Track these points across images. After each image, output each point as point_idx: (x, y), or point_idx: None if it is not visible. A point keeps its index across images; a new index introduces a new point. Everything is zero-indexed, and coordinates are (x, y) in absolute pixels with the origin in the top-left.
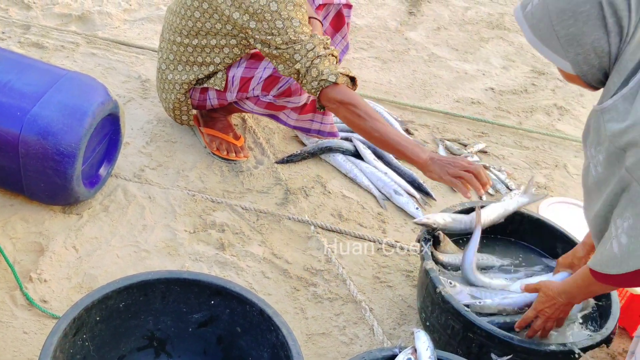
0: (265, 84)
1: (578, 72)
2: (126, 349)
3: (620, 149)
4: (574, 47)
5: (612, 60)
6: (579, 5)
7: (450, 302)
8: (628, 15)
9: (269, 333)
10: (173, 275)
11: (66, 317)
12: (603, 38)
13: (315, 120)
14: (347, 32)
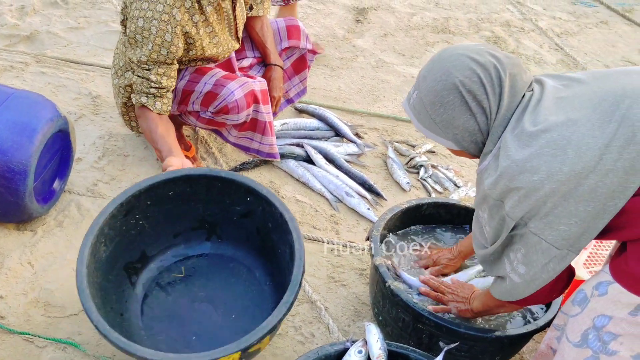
0: (204, 100)
1: (461, 148)
2: (181, 228)
3: (498, 199)
4: (450, 129)
5: (485, 134)
6: (445, 97)
7: (400, 295)
8: (486, 97)
9: (288, 234)
10: (213, 172)
11: (113, 202)
12: (471, 119)
13: (255, 140)
14: (307, 77)
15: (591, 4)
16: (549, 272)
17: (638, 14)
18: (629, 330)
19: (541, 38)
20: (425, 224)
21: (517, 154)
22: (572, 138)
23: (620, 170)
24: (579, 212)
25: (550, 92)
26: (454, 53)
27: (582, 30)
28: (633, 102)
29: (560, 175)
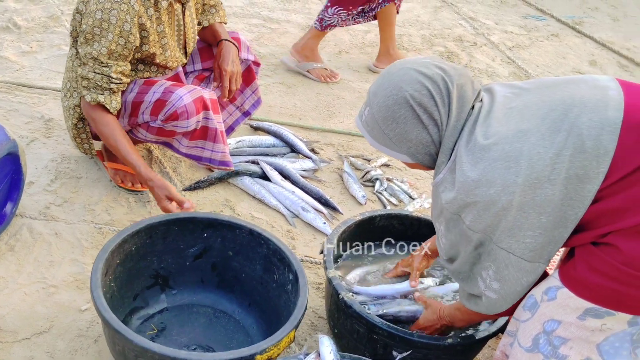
0: (154, 108)
1: (416, 161)
2: (138, 288)
3: (455, 213)
4: (404, 143)
5: (438, 145)
6: (396, 112)
7: (353, 306)
8: (437, 109)
9: (259, 247)
10: (171, 216)
11: (100, 259)
12: (424, 132)
13: (207, 148)
14: (258, 87)
15: (542, 17)
16: (523, 284)
17: (588, 26)
18: (578, 335)
19: (493, 52)
20: (379, 235)
21: (472, 169)
22: (524, 149)
23: (574, 179)
24: (541, 223)
25: (500, 103)
26: (402, 67)
27: (533, 43)
28: (580, 111)
29: (515, 186)
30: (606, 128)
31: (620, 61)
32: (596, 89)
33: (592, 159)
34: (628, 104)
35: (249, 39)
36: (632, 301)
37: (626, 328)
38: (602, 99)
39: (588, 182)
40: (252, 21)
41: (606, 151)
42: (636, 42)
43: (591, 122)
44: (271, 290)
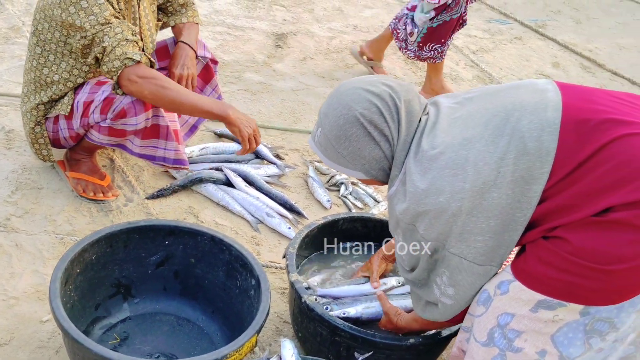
0: (103, 106)
1: (371, 177)
2: (100, 297)
3: (410, 223)
4: (359, 160)
5: (391, 160)
6: (347, 130)
7: (315, 309)
8: (387, 125)
9: (221, 253)
10: (132, 225)
11: (58, 268)
12: (376, 148)
13: (159, 147)
14: (218, 85)
15: (505, 21)
16: (476, 288)
17: (550, 29)
18: (531, 327)
19: (457, 56)
20: (343, 238)
21: (421, 179)
22: (469, 156)
23: (520, 181)
24: (490, 227)
25: (445, 114)
26: (350, 87)
27: (497, 46)
28: (521, 114)
29: (463, 192)
30: (546, 129)
31: (582, 63)
32: (535, 93)
33: (535, 160)
34: (566, 104)
35: (213, 47)
36: (582, 291)
37: (578, 318)
38: (541, 101)
39: (533, 182)
40: (216, 29)
41: (548, 151)
42: (598, 43)
43: (531, 124)
44: (234, 296)
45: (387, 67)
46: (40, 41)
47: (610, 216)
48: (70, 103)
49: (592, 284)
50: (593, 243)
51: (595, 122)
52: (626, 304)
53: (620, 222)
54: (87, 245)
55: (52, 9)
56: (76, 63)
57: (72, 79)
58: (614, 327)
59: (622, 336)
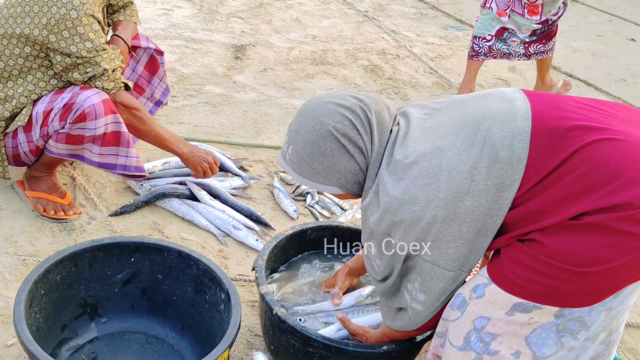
0: (62, 113)
1: (346, 191)
2: (66, 318)
3: (384, 234)
4: (334, 175)
5: (365, 171)
6: (321, 145)
7: (287, 321)
8: (361, 138)
9: (189, 268)
10: (96, 243)
11: (22, 290)
12: (351, 161)
13: (120, 155)
14: (165, 76)
15: (462, 28)
16: (446, 293)
17: None
18: (507, 330)
19: (416, 63)
20: (312, 248)
21: (395, 189)
22: (442, 165)
23: (492, 188)
24: (462, 234)
25: (415, 124)
26: (319, 103)
27: (454, 52)
28: (491, 123)
29: (437, 201)
30: (517, 137)
31: None
32: (503, 101)
33: (507, 167)
34: (535, 112)
35: (172, 60)
36: (558, 294)
37: (552, 320)
38: (510, 110)
39: (505, 190)
40: (174, 42)
41: (519, 159)
42: None
43: (502, 132)
44: (204, 311)
45: (347, 76)
46: (1, 56)
47: (585, 219)
48: (29, 114)
49: (568, 286)
50: (569, 246)
51: (565, 129)
52: (597, 303)
53: (596, 225)
54: (51, 266)
55: (29, 28)
56: (44, 76)
57: (37, 91)
58: (584, 325)
59: (593, 335)
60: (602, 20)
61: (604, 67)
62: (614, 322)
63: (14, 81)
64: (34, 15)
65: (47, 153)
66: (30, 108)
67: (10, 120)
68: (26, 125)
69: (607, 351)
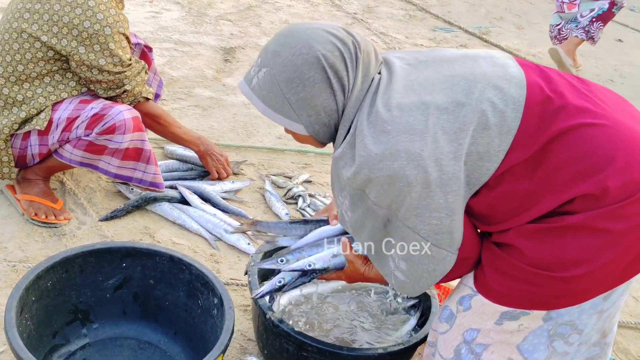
0: (90, 122)
1: (311, 132)
2: (57, 325)
3: (359, 189)
4: (306, 110)
5: (340, 115)
6: (304, 73)
7: (280, 325)
8: (347, 74)
9: (181, 273)
10: (87, 248)
11: (13, 297)
12: (330, 97)
13: (138, 169)
14: (157, 70)
15: (450, 29)
16: (430, 271)
17: (494, 36)
18: (497, 339)
19: None
20: None
21: (375, 142)
22: (428, 122)
23: (474, 155)
24: (448, 203)
25: (399, 75)
26: (310, 27)
27: None
28: (484, 87)
29: (420, 160)
30: (510, 105)
31: None
32: (496, 66)
33: (495, 135)
34: (529, 82)
35: (161, 63)
36: (543, 299)
37: (542, 324)
38: (504, 76)
39: (487, 159)
40: (163, 45)
41: (509, 129)
42: (541, 48)
43: (495, 98)
44: (196, 316)
45: None
46: (21, 59)
47: (565, 221)
48: (48, 118)
49: (553, 291)
50: (548, 251)
51: (557, 106)
52: (587, 306)
53: (576, 227)
54: (42, 272)
55: (57, 38)
56: (63, 79)
57: (56, 92)
58: (576, 329)
59: (587, 338)
60: None
61: (592, 68)
62: (607, 323)
63: (31, 82)
64: (62, 26)
65: (57, 157)
66: (49, 112)
67: (24, 122)
68: (44, 129)
69: (602, 353)
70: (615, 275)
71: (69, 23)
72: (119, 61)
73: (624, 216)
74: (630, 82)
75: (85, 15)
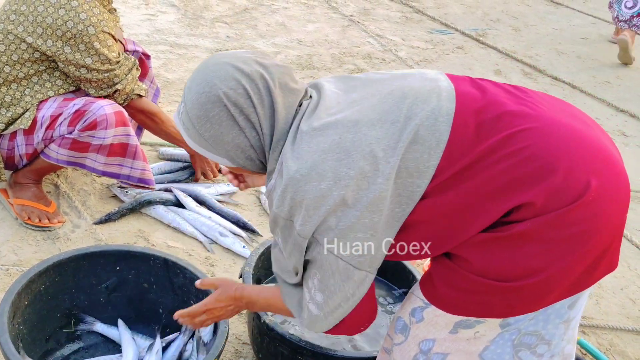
0: (72, 119)
1: (237, 165)
2: (51, 329)
3: (287, 219)
4: (221, 146)
5: (258, 150)
6: (209, 111)
7: (275, 329)
8: (254, 110)
9: (176, 277)
10: (81, 252)
11: (5, 301)
12: (240, 135)
13: (125, 165)
14: (154, 78)
15: (447, 31)
16: (349, 299)
17: (491, 38)
18: (455, 347)
19: (402, 67)
20: None
21: (299, 163)
22: (356, 140)
23: (404, 173)
24: (373, 223)
25: (328, 97)
26: (218, 62)
27: (440, 56)
28: (413, 102)
29: (347, 180)
30: (439, 118)
31: (523, 69)
32: (426, 81)
33: (424, 150)
34: (459, 94)
35: (156, 66)
36: (496, 308)
37: (500, 331)
38: (434, 90)
39: (418, 176)
40: (158, 48)
41: (438, 142)
42: (537, 50)
43: (424, 112)
44: None
45: None
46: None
47: (512, 229)
48: (32, 117)
49: (505, 301)
50: (497, 261)
51: (493, 115)
52: (552, 316)
53: (523, 235)
54: (35, 276)
55: (42, 39)
56: (50, 77)
57: (43, 91)
58: (542, 339)
59: (558, 349)
60: (586, 23)
61: (588, 69)
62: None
63: (19, 83)
64: (46, 27)
65: (44, 158)
66: (34, 111)
67: (11, 122)
68: (28, 128)
69: None
70: (570, 282)
71: (53, 24)
72: (105, 59)
73: (571, 222)
74: (627, 83)
75: (69, 16)
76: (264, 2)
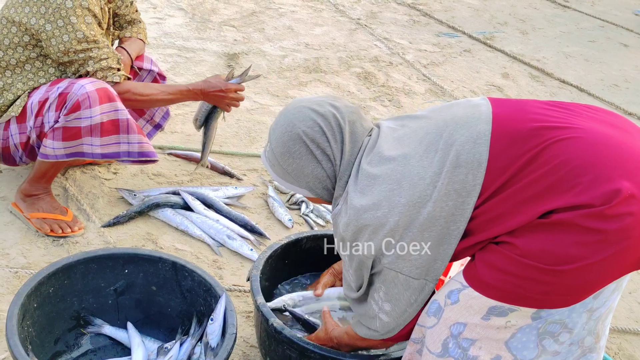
0: (58, 103)
1: (315, 195)
2: (59, 331)
3: (352, 241)
4: (302, 178)
5: (333, 180)
6: (291, 147)
7: (283, 332)
8: (329, 145)
9: (183, 280)
10: (89, 254)
11: (15, 304)
12: (318, 167)
13: (122, 142)
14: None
15: (454, 34)
16: (412, 304)
17: (498, 41)
18: (484, 334)
19: (409, 70)
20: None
21: (360, 196)
22: (405, 171)
23: (454, 194)
24: (425, 240)
25: (385, 134)
26: (297, 106)
27: (447, 59)
28: (453, 129)
29: (400, 207)
30: (477, 141)
31: (531, 72)
32: (468, 108)
33: (467, 172)
34: (496, 115)
35: (164, 69)
36: (533, 294)
37: (530, 322)
38: (473, 115)
39: (467, 195)
40: (166, 51)
41: (480, 163)
42: (545, 53)
43: (463, 137)
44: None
45: (340, 84)
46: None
47: (553, 217)
48: (22, 104)
49: (542, 286)
50: (540, 245)
51: (528, 131)
52: (577, 304)
53: (564, 223)
54: (44, 278)
55: (27, 17)
56: (43, 65)
57: (35, 79)
58: (565, 327)
59: (578, 338)
60: (593, 26)
61: (596, 72)
62: (599, 325)
63: (12, 70)
64: (32, 5)
65: (43, 159)
66: (25, 99)
67: (4, 110)
68: (19, 115)
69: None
70: (605, 275)
71: (38, 1)
72: (82, 37)
73: (612, 216)
74: (635, 86)
75: None
76: (272, 6)
